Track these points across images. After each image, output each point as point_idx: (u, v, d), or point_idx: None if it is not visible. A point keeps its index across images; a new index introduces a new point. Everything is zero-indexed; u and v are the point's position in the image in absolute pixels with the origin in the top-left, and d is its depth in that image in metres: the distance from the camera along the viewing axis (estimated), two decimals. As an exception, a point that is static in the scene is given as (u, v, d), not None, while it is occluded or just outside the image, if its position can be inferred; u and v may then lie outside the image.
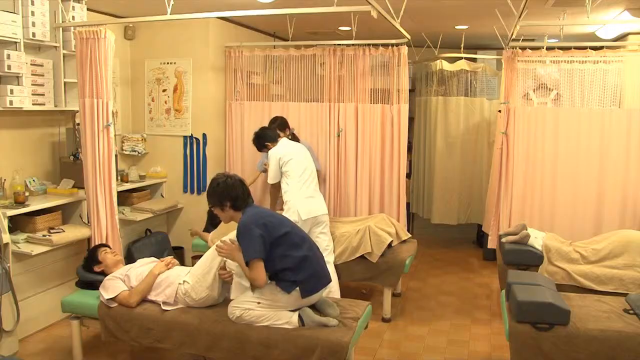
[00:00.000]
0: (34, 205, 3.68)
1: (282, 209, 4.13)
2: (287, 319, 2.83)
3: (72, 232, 3.83)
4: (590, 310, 3.00)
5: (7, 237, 3.35)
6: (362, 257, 4.06)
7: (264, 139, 4.25)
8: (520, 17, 3.54)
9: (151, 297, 3.10)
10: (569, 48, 4.62)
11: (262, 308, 2.85)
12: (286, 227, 2.91)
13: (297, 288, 2.83)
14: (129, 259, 4.18)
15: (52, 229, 3.78)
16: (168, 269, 3.20)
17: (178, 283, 3.06)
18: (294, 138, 4.63)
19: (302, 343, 2.74)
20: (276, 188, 4.17)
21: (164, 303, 3.05)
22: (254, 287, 2.91)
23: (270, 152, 4.18)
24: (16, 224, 3.72)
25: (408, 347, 3.69)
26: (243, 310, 2.85)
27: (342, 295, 3.94)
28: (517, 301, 2.86)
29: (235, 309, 2.87)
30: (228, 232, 3.15)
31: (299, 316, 2.84)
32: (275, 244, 2.83)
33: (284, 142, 4.25)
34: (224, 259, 2.96)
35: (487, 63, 6.38)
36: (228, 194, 2.91)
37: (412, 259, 4.25)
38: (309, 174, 4.16)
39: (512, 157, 4.64)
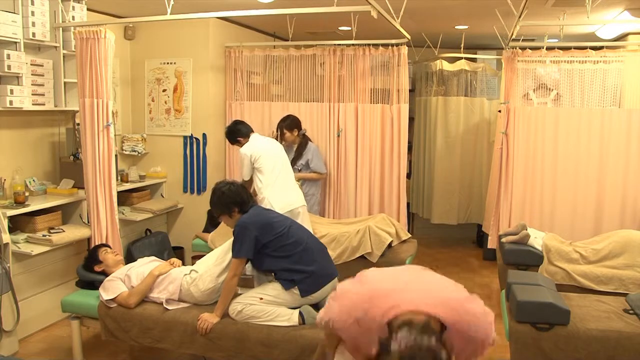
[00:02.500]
0: (34, 205, 3.68)
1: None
2: (288, 316, 2.84)
3: (72, 232, 3.83)
4: (590, 310, 3.00)
5: (7, 237, 3.35)
6: (362, 257, 4.06)
7: (236, 134, 4.29)
8: (520, 17, 3.54)
9: (153, 294, 3.10)
10: (569, 48, 4.62)
11: (263, 304, 2.87)
12: (283, 227, 2.97)
13: (296, 287, 2.86)
14: (129, 259, 4.18)
15: (52, 229, 3.78)
16: (172, 267, 3.21)
17: (184, 274, 3.08)
18: (305, 139, 4.63)
19: (302, 342, 2.74)
20: (248, 184, 4.24)
21: (167, 301, 3.05)
22: (259, 282, 3.02)
23: (241, 150, 4.21)
24: (16, 224, 3.72)
25: (408, 347, 3.68)
26: (245, 305, 2.87)
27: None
28: (517, 301, 2.86)
29: (237, 304, 2.89)
30: (228, 233, 3.16)
31: (300, 313, 2.85)
32: (271, 242, 2.90)
33: (255, 138, 4.26)
34: None
35: (487, 63, 6.38)
36: (234, 200, 3.01)
37: (412, 258, 4.25)
38: (281, 168, 4.19)
39: (512, 157, 4.64)
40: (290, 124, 4.61)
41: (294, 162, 4.59)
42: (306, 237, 3.06)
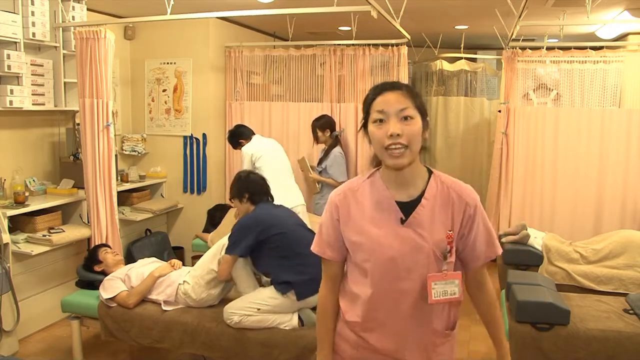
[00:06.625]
0: (34, 205, 3.67)
1: None
2: (287, 322, 2.83)
3: (72, 232, 3.83)
4: (590, 310, 3.00)
5: (7, 237, 3.35)
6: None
7: (238, 137, 4.37)
8: (520, 17, 3.54)
9: (152, 296, 3.10)
10: (569, 48, 4.62)
11: (261, 314, 2.84)
12: (285, 228, 2.91)
13: (293, 290, 2.82)
14: (129, 259, 4.19)
15: (52, 229, 3.78)
16: (174, 269, 3.20)
17: (178, 283, 3.07)
18: (334, 142, 4.54)
19: (302, 343, 2.74)
20: None
21: (165, 302, 3.05)
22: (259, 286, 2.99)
23: (243, 148, 4.28)
24: (16, 224, 3.72)
25: (408, 347, 3.68)
26: (242, 316, 2.82)
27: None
28: (517, 301, 2.86)
29: (233, 315, 2.83)
30: (228, 232, 3.14)
31: (299, 316, 2.84)
32: (270, 240, 2.85)
33: (256, 139, 4.35)
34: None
35: (487, 63, 6.39)
36: (247, 187, 3.05)
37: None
38: (280, 168, 4.25)
39: (512, 157, 4.64)
40: (323, 123, 4.54)
41: (319, 163, 4.57)
42: (306, 239, 3.02)
